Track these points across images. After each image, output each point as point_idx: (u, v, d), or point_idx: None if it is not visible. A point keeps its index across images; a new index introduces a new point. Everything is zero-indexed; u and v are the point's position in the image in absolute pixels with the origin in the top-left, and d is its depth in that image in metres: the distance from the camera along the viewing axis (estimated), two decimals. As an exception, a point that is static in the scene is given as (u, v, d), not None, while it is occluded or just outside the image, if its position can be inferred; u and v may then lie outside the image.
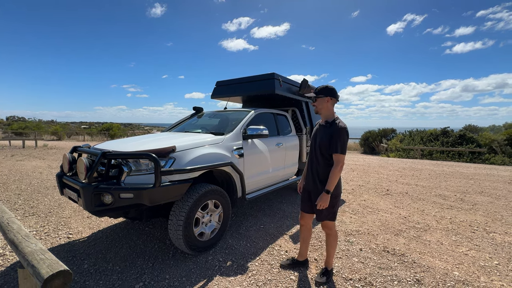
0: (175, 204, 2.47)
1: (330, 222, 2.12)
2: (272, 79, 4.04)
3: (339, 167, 1.93)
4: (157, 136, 3.14)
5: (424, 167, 9.61)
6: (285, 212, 3.94)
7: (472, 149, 11.90)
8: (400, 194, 5.30)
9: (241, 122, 3.36)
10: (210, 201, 2.67)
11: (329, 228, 2.16)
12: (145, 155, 2.16)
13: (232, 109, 4.25)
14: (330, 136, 1.96)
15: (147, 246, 2.83)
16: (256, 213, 3.90)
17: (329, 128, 2.01)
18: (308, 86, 4.61)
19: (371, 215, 3.93)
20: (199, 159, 2.53)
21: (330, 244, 2.22)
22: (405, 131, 15.73)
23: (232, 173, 2.94)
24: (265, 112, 4.01)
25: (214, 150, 2.74)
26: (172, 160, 2.36)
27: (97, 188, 2.11)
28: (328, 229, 2.16)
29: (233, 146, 3.03)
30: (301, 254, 2.44)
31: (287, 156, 4.16)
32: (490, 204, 4.70)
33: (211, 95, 4.89)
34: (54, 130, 27.28)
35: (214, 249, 2.75)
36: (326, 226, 2.16)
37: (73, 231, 3.19)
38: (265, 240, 2.98)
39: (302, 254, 2.43)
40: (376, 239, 3.06)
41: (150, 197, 2.14)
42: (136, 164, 2.32)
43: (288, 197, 4.79)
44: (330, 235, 2.18)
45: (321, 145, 2.03)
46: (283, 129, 4.29)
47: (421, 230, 3.38)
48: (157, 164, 2.11)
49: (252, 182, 3.34)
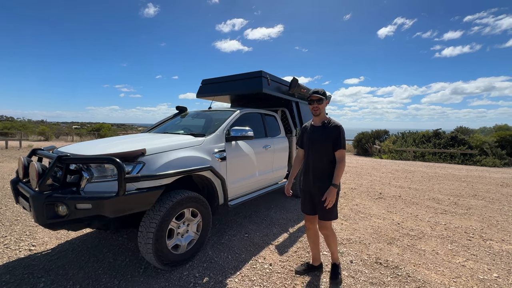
0: (145, 214, 2.21)
1: (329, 222, 2.14)
2: (260, 77, 3.81)
3: (343, 161, 2.05)
4: (130, 138, 2.86)
5: (416, 169, 9.53)
6: (272, 219, 3.70)
7: (464, 151, 11.93)
8: (393, 198, 5.13)
9: (224, 123, 3.11)
10: (187, 210, 2.42)
11: (327, 229, 2.15)
12: (106, 159, 1.89)
13: (217, 109, 4.00)
14: (334, 134, 2.07)
15: (117, 259, 2.55)
16: (241, 220, 3.65)
17: (329, 128, 2.11)
18: (298, 85, 4.40)
19: (363, 221, 3.73)
20: (173, 164, 2.27)
21: (330, 244, 2.22)
22: (398, 133, 15.74)
23: (212, 178, 2.69)
24: (252, 112, 3.77)
25: (191, 153, 2.49)
26: (141, 164, 2.10)
27: (50, 197, 1.83)
28: (327, 230, 2.15)
29: (214, 148, 2.78)
30: (315, 258, 2.38)
31: (276, 158, 3.94)
32: (484, 208, 4.56)
33: (197, 94, 4.64)
34: (42, 130, 26.45)
35: (191, 262, 2.49)
36: (325, 227, 2.14)
37: (37, 242, 2.88)
38: (249, 252, 2.74)
39: (316, 258, 2.38)
40: (368, 248, 2.85)
41: (113, 208, 1.87)
42: (100, 169, 2.05)
43: (277, 202, 4.55)
44: (328, 235, 2.18)
45: (323, 145, 2.10)
46: (272, 130, 4.06)
47: (415, 237, 3.19)
48: (120, 170, 1.85)
49: (236, 188, 3.10)
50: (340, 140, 2.06)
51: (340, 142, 2.06)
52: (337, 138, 2.06)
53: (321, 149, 2.11)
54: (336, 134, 2.07)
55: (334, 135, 2.07)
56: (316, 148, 2.14)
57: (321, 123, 2.17)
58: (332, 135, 2.08)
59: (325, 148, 2.10)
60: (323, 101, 2.13)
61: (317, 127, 2.19)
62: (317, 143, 2.14)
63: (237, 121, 3.30)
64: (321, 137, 2.12)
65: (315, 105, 2.14)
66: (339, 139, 2.06)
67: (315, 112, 2.16)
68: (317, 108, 2.14)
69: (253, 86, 3.86)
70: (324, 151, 2.10)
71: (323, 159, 2.11)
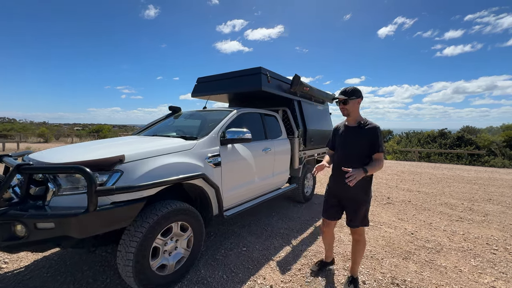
0: (125, 230, 1.90)
1: (362, 228, 2.09)
2: (259, 74, 3.50)
3: (381, 163, 1.94)
4: (112, 142, 2.55)
5: (423, 170, 9.19)
6: (273, 229, 3.38)
7: (471, 151, 11.56)
8: (402, 203, 4.79)
9: (219, 124, 2.80)
10: (175, 224, 2.11)
11: (359, 234, 2.10)
12: (73, 168, 1.58)
13: (213, 109, 3.69)
14: (369, 136, 1.96)
15: (97, 279, 2.24)
16: (239, 230, 3.34)
17: (364, 129, 2.00)
18: (301, 83, 4.08)
19: (373, 231, 3.40)
20: (158, 172, 1.96)
21: (358, 252, 2.14)
22: (402, 133, 15.38)
23: (205, 187, 2.38)
24: (250, 113, 3.46)
25: (180, 159, 2.18)
26: (118, 173, 1.79)
27: (4, 215, 1.52)
28: (359, 235, 2.10)
29: (207, 153, 2.47)
30: (328, 256, 2.46)
31: (277, 162, 3.62)
32: (502, 214, 4.22)
33: (191, 93, 4.33)
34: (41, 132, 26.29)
35: (180, 283, 2.17)
36: (357, 233, 2.10)
37: (11, 258, 2.58)
38: (247, 269, 2.42)
39: (328, 256, 2.46)
40: (382, 265, 2.52)
41: (81, 227, 1.56)
42: (69, 180, 1.74)
43: (278, 209, 4.23)
44: (359, 241, 2.12)
45: (359, 147, 1.99)
46: (272, 131, 3.74)
47: (433, 251, 2.86)
48: (90, 180, 1.53)
49: (232, 196, 2.78)
50: (379, 142, 1.94)
51: (379, 144, 1.94)
52: (375, 140, 1.93)
53: (355, 150, 2.01)
54: (373, 135, 1.95)
55: (371, 137, 1.95)
56: (349, 150, 2.04)
57: (356, 123, 2.06)
58: (368, 136, 1.96)
59: (359, 150, 1.99)
60: (348, 102, 2.01)
61: (351, 127, 2.08)
62: (351, 145, 2.04)
63: (233, 122, 2.99)
64: (356, 138, 2.01)
65: (340, 106, 2.07)
66: (377, 141, 1.93)
67: (343, 113, 2.09)
68: (343, 109, 2.06)
69: (251, 84, 3.55)
70: (357, 153, 2.00)
71: (355, 161, 1.96)
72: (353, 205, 2.04)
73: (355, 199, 2.03)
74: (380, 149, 1.93)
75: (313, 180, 4.88)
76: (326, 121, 5.30)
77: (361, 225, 2.06)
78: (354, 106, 2.03)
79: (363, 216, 2.04)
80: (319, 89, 4.90)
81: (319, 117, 4.95)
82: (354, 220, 2.05)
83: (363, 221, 2.05)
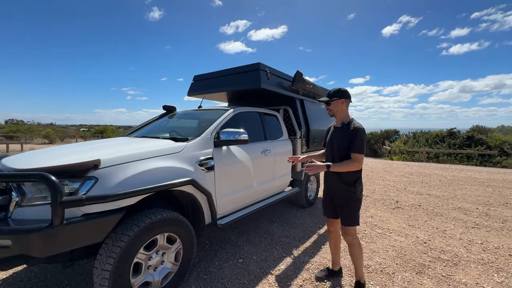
0: (103, 244, 1.69)
1: (352, 228, 2.04)
2: (258, 71, 3.27)
3: (355, 163, 1.92)
4: (92, 145, 2.34)
5: (432, 171, 8.82)
6: (273, 237, 3.13)
7: (482, 152, 11.12)
8: (412, 208, 4.50)
9: (212, 124, 2.57)
10: (161, 236, 1.89)
11: (351, 236, 2.05)
12: (34, 175, 1.36)
13: (208, 108, 3.47)
14: (349, 137, 1.97)
15: (77, 296, 2.04)
16: (237, 238, 3.10)
17: (347, 130, 2.01)
18: (303, 80, 3.83)
19: (382, 239, 3.13)
20: (139, 178, 1.73)
21: (355, 255, 2.08)
22: (408, 133, 14.96)
23: (195, 193, 2.15)
24: (249, 112, 3.22)
25: (166, 164, 1.95)
26: (92, 181, 1.57)
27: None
28: (350, 238, 2.05)
29: (198, 156, 2.24)
30: (335, 262, 2.34)
31: (277, 165, 3.38)
32: (522, 220, 3.90)
33: (188, 92, 4.12)
34: (46, 133, 26.48)
35: (167, 302, 1.95)
36: (347, 233, 2.05)
37: (-11, 270, 2.39)
38: (242, 285, 2.18)
39: (335, 262, 2.34)
40: (393, 281, 2.26)
41: (43, 245, 1.34)
42: (36, 188, 1.53)
43: (280, 214, 3.99)
44: (352, 245, 2.06)
45: (341, 147, 2.02)
46: (273, 132, 3.50)
47: (449, 263, 2.58)
48: (54, 189, 1.31)
49: (227, 202, 2.55)
50: (355, 143, 1.92)
51: (354, 145, 1.93)
52: (352, 140, 1.93)
53: (337, 150, 2.05)
54: (353, 136, 1.94)
55: (350, 137, 1.96)
56: (335, 150, 2.08)
57: (340, 124, 2.09)
58: (349, 137, 1.97)
59: (341, 150, 2.01)
60: (330, 103, 2.07)
61: (337, 128, 2.13)
62: (335, 145, 2.08)
63: (229, 122, 2.76)
64: (339, 139, 2.04)
65: (326, 106, 2.13)
66: (354, 141, 1.93)
67: (330, 113, 2.13)
68: (328, 109, 2.13)
69: (250, 81, 3.31)
70: (339, 153, 2.03)
71: (337, 161, 2.01)
72: (341, 202, 2.05)
73: (342, 196, 2.04)
74: (354, 149, 1.92)
75: (316, 183, 4.62)
76: (330, 120, 5.03)
77: (351, 224, 2.02)
78: (337, 106, 2.06)
79: (352, 214, 2.02)
80: (323, 87, 4.65)
81: (323, 116, 4.69)
82: (343, 218, 2.06)
83: (353, 220, 2.02)
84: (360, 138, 1.92)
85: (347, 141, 1.96)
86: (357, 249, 2.06)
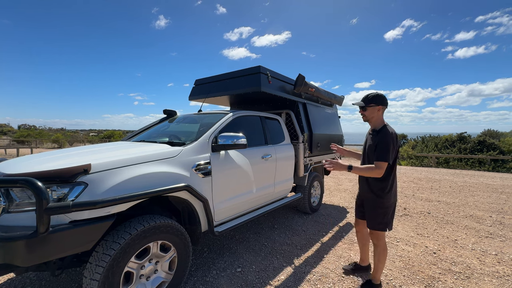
0: (94, 252, 1.63)
1: (380, 232, 2.05)
2: (258, 74, 3.21)
3: (375, 170, 1.89)
4: (85, 149, 2.30)
5: (442, 177, 8.54)
6: (274, 245, 3.02)
7: (495, 157, 10.74)
8: (421, 215, 4.31)
9: (210, 129, 2.51)
10: (154, 243, 1.82)
11: (377, 239, 2.07)
12: (19, 180, 1.31)
13: (207, 112, 3.42)
14: (376, 143, 1.96)
15: (68, 305, 1.98)
16: (236, 245, 3.01)
17: (377, 136, 2.00)
18: (305, 83, 3.76)
19: (388, 249, 2.97)
20: (130, 184, 1.68)
21: (376, 256, 2.10)
22: (417, 137, 14.64)
23: (191, 199, 2.08)
24: (249, 116, 3.16)
25: (160, 169, 1.89)
26: (81, 186, 1.52)
27: None
28: (376, 239, 2.08)
29: (194, 161, 2.18)
30: (362, 259, 2.43)
31: (279, 170, 3.29)
32: (540, 230, 3.68)
33: (189, 96, 4.10)
34: (56, 138, 27.09)
35: (160, 313, 1.87)
36: (375, 236, 2.08)
37: (-16, 276, 2.36)
38: (239, 296, 2.08)
39: (363, 259, 2.42)
40: (400, 295, 2.12)
41: (27, 254, 1.29)
42: (24, 194, 1.49)
43: (282, 220, 3.87)
44: (377, 246, 2.08)
45: (370, 153, 2.04)
46: (274, 136, 3.42)
47: (461, 276, 2.42)
48: (39, 195, 1.26)
49: (225, 209, 2.47)
50: (378, 150, 1.91)
51: (377, 152, 1.91)
52: (377, 145, 1.92)
53: (368, 156, 2.07)
54: (377, 142, 1.94)
55: (376, 144, 1.95)
56: (366, 155, 2.12)
57: (371, 130, 2.11)
58: (375, 144, 1.96)
59: (371, 156, 2.02)
60: (366, 108, 2.04)
61: (370, 133, 2.14)
62: (366, 150, 2.11)
63: (228, 126, 2.70)
64: (369, 144, 2.06)
65: (360, 111, 2.12)
66: (377, 148, 1.91)
67: (364, 118, 2.11)
68: (362, 115, 2.11)
69: (250, 85, 3.26)
70: (370, 159, 2.03)
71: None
72: (368, 205, 2.09)
73: (370, 199, 2.06)
74: (376, 156, 1.90)
75: (320, 189, 4.49)
76: (334, 125, 4.93)
77: (376, 229, 2.03)
78: (373, 113, 2.02)
79: (379, 219, 2.01)
80: (326, 91, 4.56)
81: (326, 120, 4.59)
82: (368, 220, 2.10)
83: (378, 225, 2.02)
84: (384, 146, 1.89)
85: (374, 147, 1.97)
86: (381, 252, 2.07)
